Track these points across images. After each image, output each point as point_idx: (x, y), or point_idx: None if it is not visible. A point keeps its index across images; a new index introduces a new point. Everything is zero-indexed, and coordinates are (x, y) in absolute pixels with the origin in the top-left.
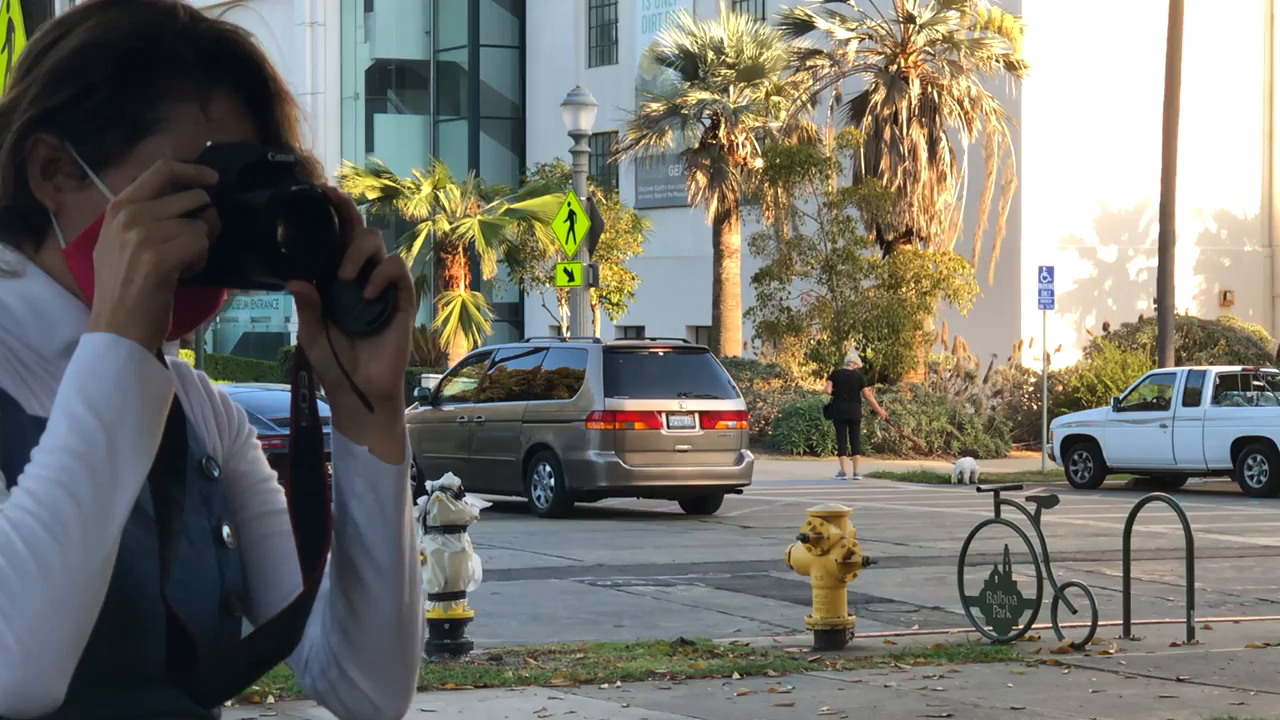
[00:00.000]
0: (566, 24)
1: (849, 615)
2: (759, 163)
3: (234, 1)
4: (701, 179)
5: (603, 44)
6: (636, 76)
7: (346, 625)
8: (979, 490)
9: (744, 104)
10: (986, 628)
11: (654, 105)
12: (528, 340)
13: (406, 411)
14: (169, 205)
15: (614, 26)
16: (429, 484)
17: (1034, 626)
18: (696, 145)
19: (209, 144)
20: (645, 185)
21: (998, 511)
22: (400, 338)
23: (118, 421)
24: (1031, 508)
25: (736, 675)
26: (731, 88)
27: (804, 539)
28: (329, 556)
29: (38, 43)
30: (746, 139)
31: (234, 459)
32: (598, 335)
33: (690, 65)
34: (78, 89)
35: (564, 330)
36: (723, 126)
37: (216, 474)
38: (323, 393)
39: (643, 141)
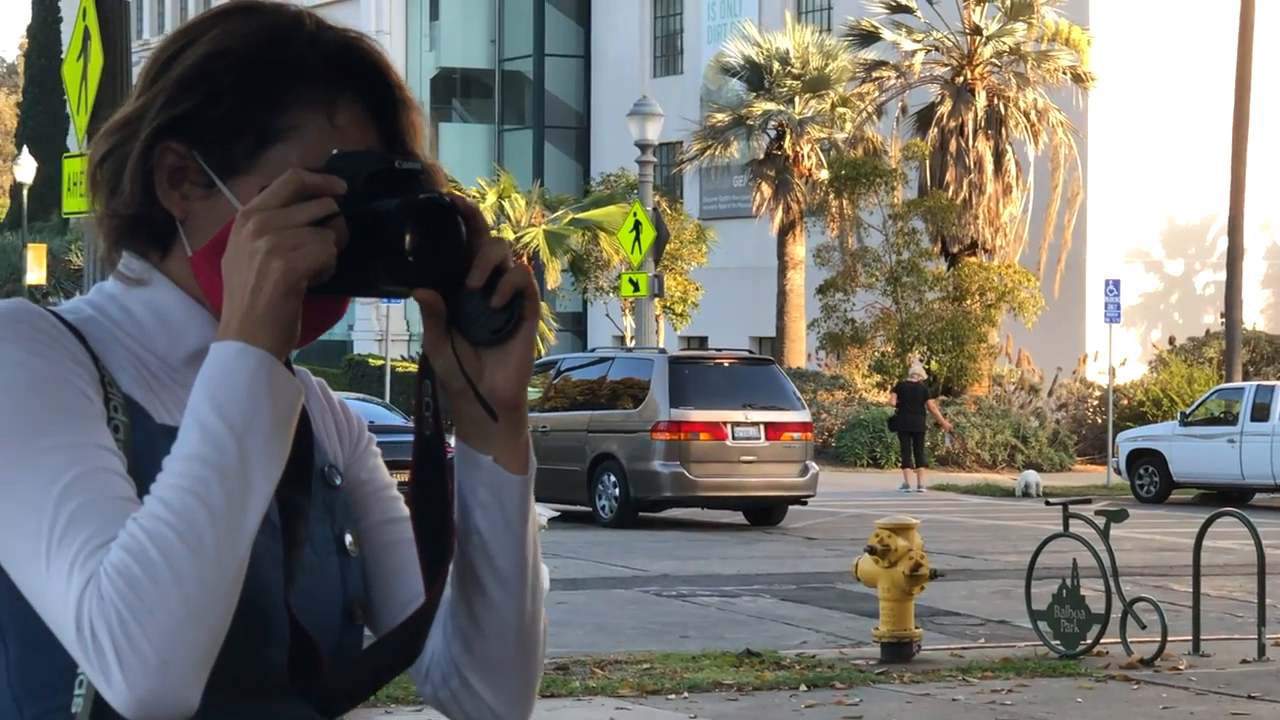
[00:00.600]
0: (632, 34)
1: (916, 628)
2: (824, 174)
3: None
4: (766, 190)
5: (668, 54)
6: (701, 87)
7: (468, 634)
8: (1048, 504)
9: (809, 115)
10: (1054, 642)
11: (719, 116)
12: (593, 350)
13: None
14: (298, 213)
15: (679, 37)
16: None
17: (1102, 641)
18: (761, 156)
19: (335, 152)
20: (709, 196)
21: (1066, 525)
22: (525, 347)
23: (249, 430)
24: (1100, 522)
25: (804, 687)
26: (797, 99)
27: (871, 551)
28: (451, 566)
29: (164, 50)
30: (811, 150)
31: (354, 466)
32: (662, 345)
33: (755, 76)
34: (205, 97)
35: (628, 340)
36: (788, 137)
37: (339, 482)
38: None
39: (708, 152)
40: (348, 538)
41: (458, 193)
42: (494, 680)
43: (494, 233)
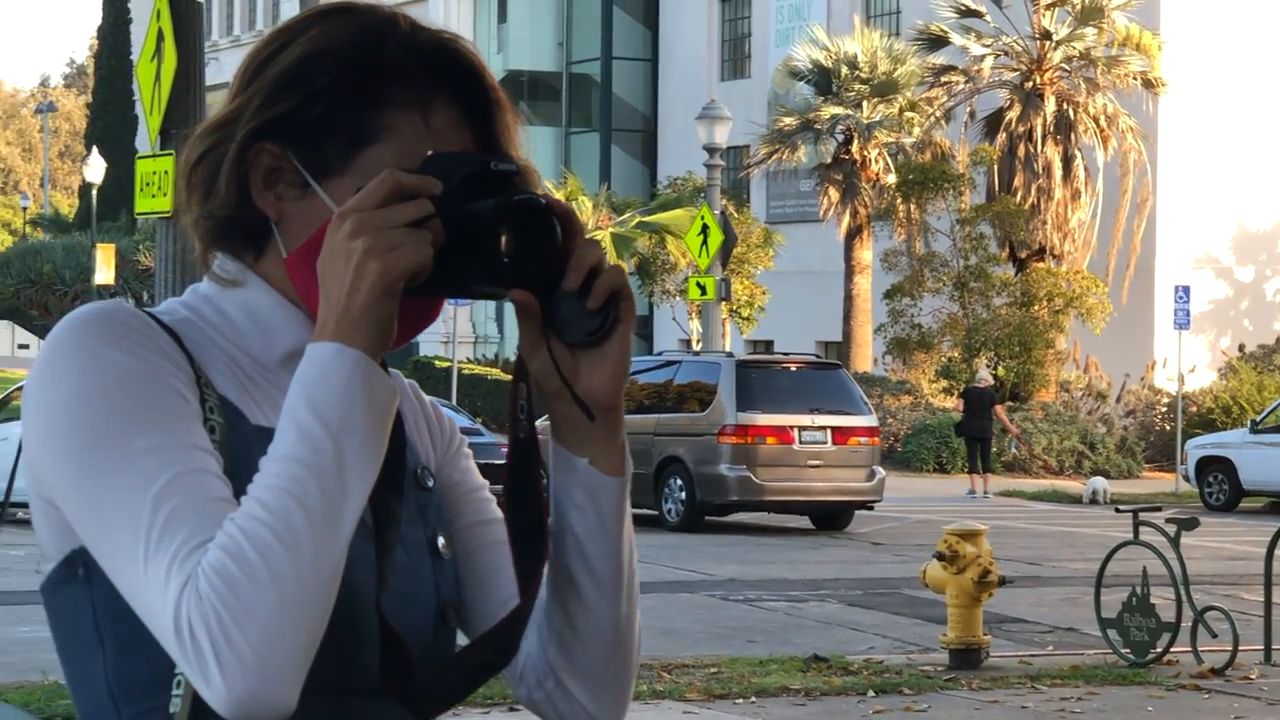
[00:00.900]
0: (699, 37)
1: (984, 635)
2: (891, 178)
3: None
4: (834, 194)
5: (735, 57)
6: (769, 90)
7: (564, 636)
8: (1118, 511)
9: (877, 119)
10: (1124, 650)
11: (787, 120)
12: (659, 353)
13: (540, 422)
14: (395, 214)
15: (747, 40)
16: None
17: (1172, 650)
18: (829, 160)
19: (431, 153)
20: (776, 199)
21: (1136, 533)
22: (621, 349)
23: (345, 431)
24: (1171, 530)
25: (871, 693)
26: (865, 103)
27: (939, 557)
28: (547, 568)
29: (259, 52)
30: (879, 154)
31: (446, 468)
32: (729, 349)
33: (824, 80)
34: (300, 98)
35: (694, 344)
36: (855, 142)
37: (431, 484)
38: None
39: (775, 156)
40: (440, 540)
41: (551, 194)
42: (589, 682)
43: (588, 235)
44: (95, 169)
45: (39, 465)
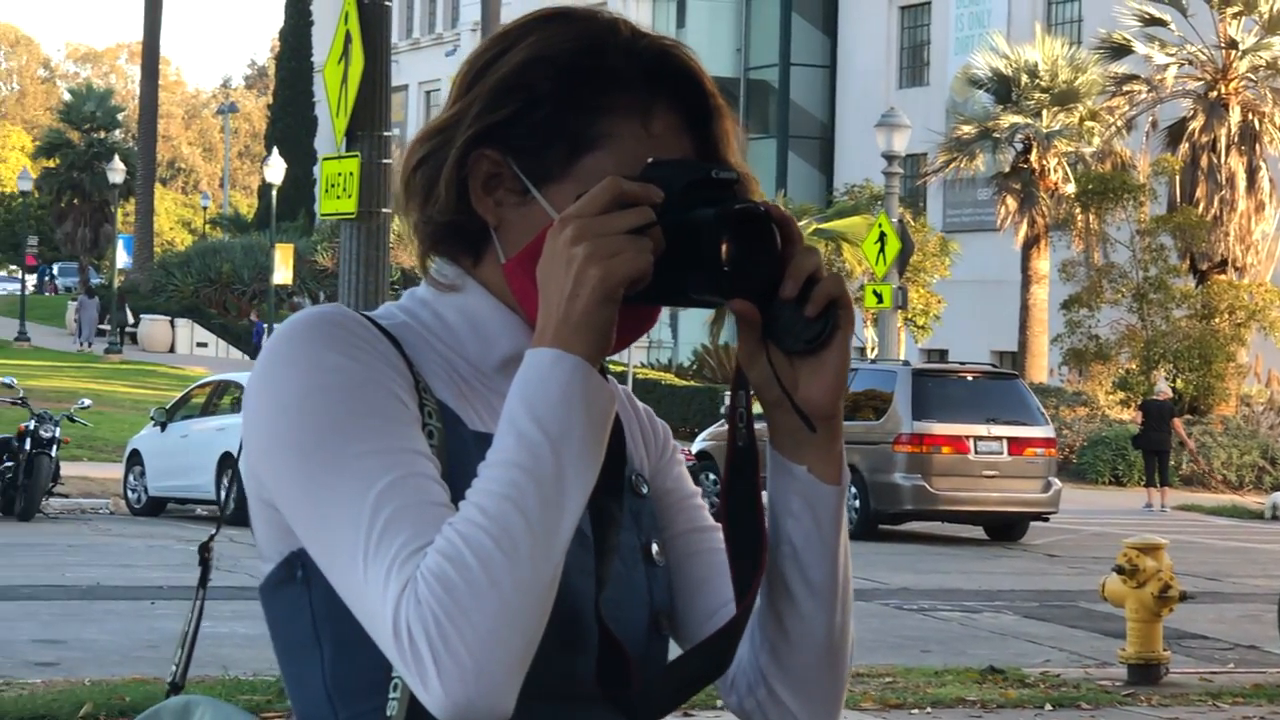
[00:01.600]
0: (879, 44)
1: (1164, 650)
2: (1070, 188)
3: None
4: (1011, 203)
5: (914, 65)
6: (948, 98)
7: (777, 645)
8: None
9: (1057, 128)
10: None
11: (965, 128)
12: None
13: (709, 430)
14: (617, 221)
15: (926, 48)
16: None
17: None
18: (1007, 169)
19: (651, 160)
20: (953, 208)
21: None
22: (840, 357)
23: (564, 437)
24: None
25: (1049, 707)
26: (1044, 112)
27: (1119, 570)
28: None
29: (479, 58)
30: (1058, 164)
31: (660, 475)
32: (903, 357)
33: (1003, 88)
34: (521, 104)
35: (869, 352)
36: (1034, 151)
37: (645, 491)
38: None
39: (953, 164)
40: (654, 547)
41: (771, 202)
42: (801, 691)
43: (807, 242)
44: (275, 169)
45: (259, 468)
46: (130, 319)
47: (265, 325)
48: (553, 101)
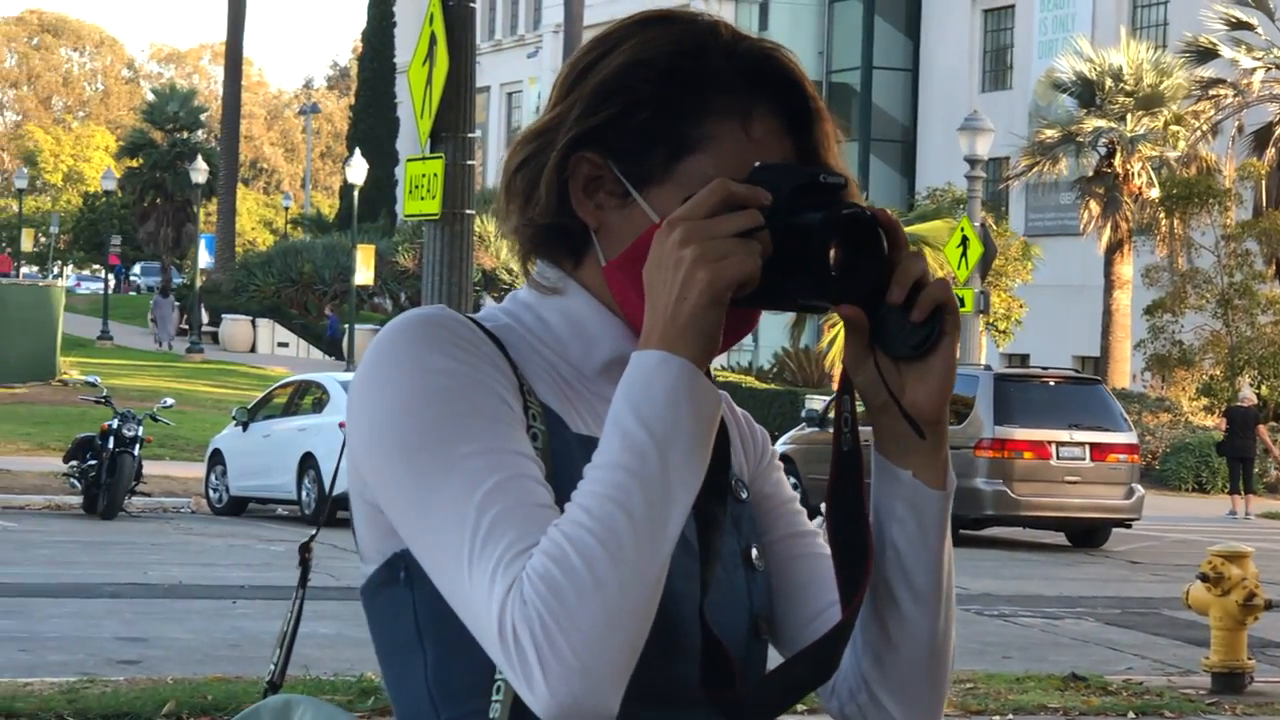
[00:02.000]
0: (961, 48)
1: (1248, 659)
2: (1154, 193)
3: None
4: (1094, 207)
5: (997, 69)
6: (1030, 102)
7: (880, 650)
8: None
9: (1141, 132)
10: None
11: (1048, 132)
12: None
13: (789, 433)
14: (725, 224)
15: (1009, 51)
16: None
17: None
18: (1090, 173)
19: (758, 164)
20: (1035, 212)
21: None
22: (946, 362)
23: (670, 439)
24: None
25: (1132, 714)
26: (1129, 116)
27: (1203, 578)
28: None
29: (579, 60)
30: (1142, 168)
31: (759, 480)
32: (985, 362)
33: (1087, 92)
34: (622, 107)
35: None
36: (1118, 155)
37: (745, 495)
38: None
39: (1035, 168)
40: (754, 551)
41: (877, 207)
42: (903, 697)
43: (913, 247)
44: (357, 170)
45: (364, 468)
46: (205, 319)
47: (339, 320)
48: (653, 104)
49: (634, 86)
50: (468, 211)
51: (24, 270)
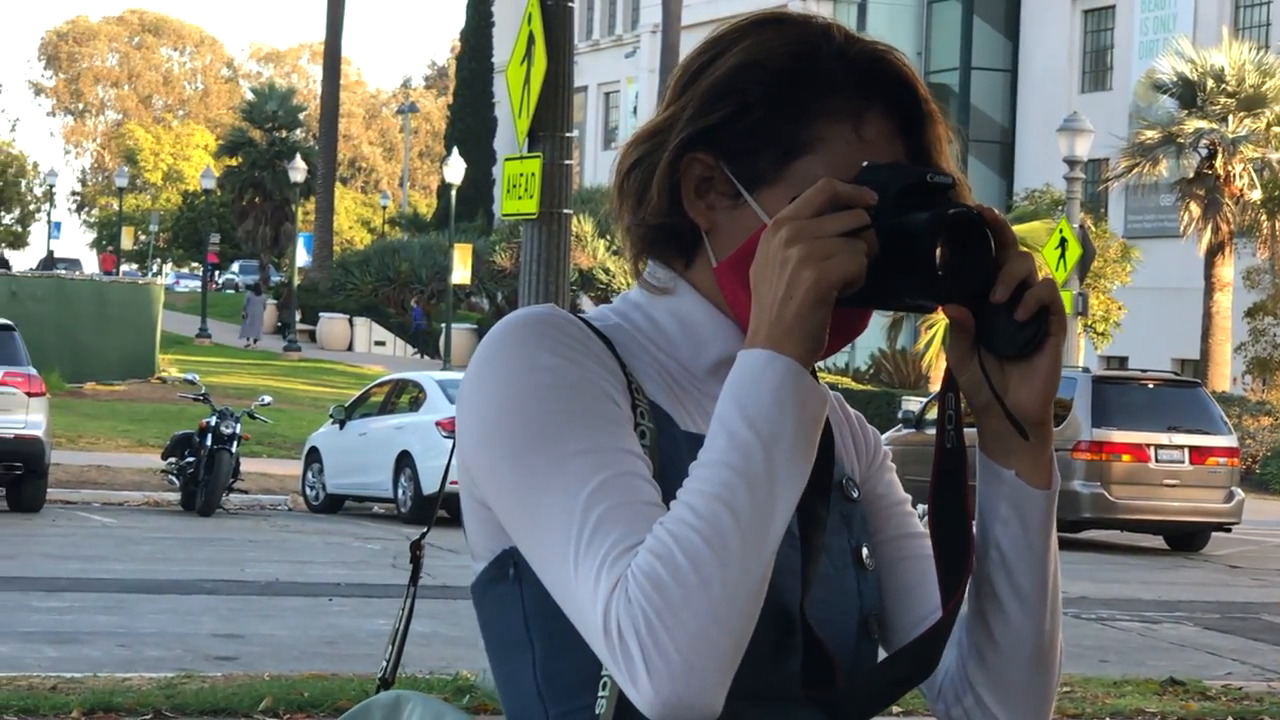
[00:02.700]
0: (1060, 49)
1: None
2: (1256, 194)
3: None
4: (1195, 209)
5: (1097, 69)
6: (1131, 103)
7: (985, 652)
8: None
9: (1243, 134)
10: None
11: (1149, 133)
12: None
13: (886, 434)
14: (831, 223)
15: (1109, 52)
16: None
17: None
18: (1191, 175)
19: (866, 164)
20: (1134, 214)
21: None
22: (1051, 363)
23: (775, 438)
24: None
25: None
26: (1230, 117)
27: None
28: (969, 581)
29: (693, 61)
30: (1244, 170)
31: (870, 480)
32: (1083, 364)
33: (1188, 93)
34: (734, 108)
35: None
36: (1219, 156)
37: (856, 495)
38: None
39: (1135, 169)
40: (864, 551)
41: (985, 206)
42: (1009, 700)
43: (1022, 247)
44: (455, 169)
45: (473, 466)
46: (297, 316)
47: (424, 312)
48: (765, 105)
49: (747, 88)
50: (565, 211)
51: (124, 268)
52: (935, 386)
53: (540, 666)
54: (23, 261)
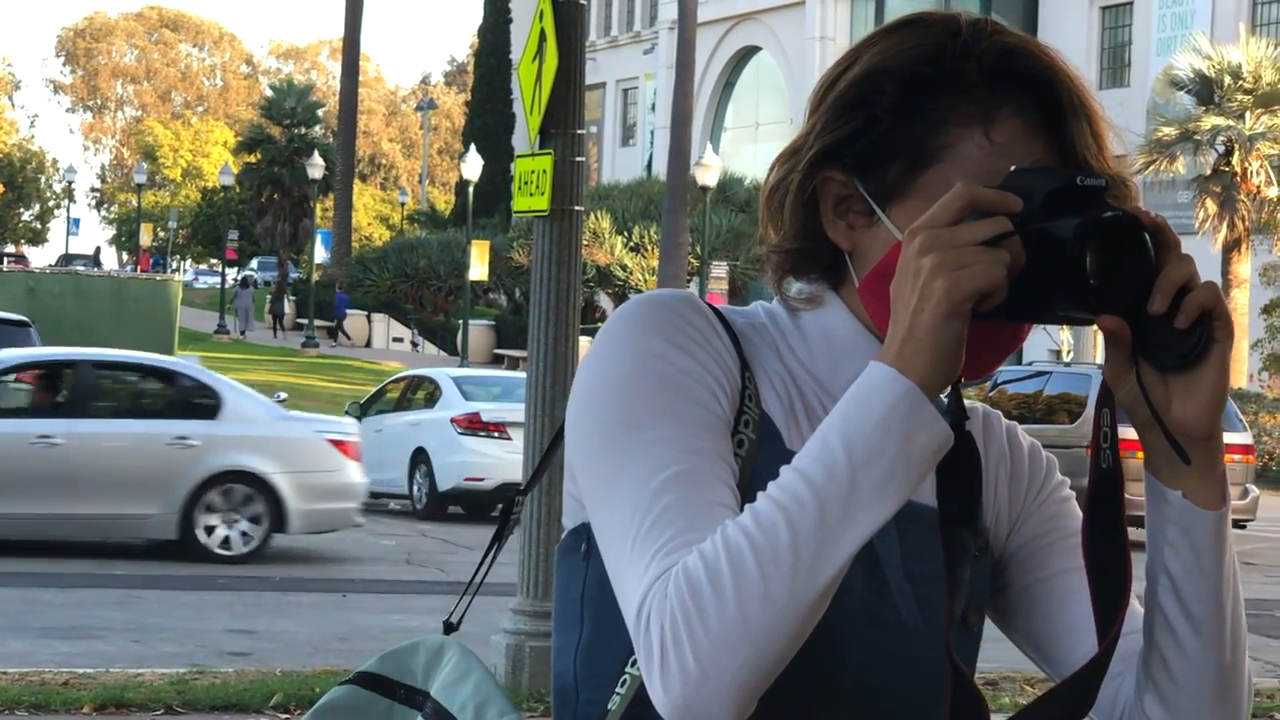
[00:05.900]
0: (1078, 45)
1: None
2: (1273, 191)
3: (745, 16)
4: (1211, 206)
5: (1114, 66)
6: (1148, 100)
7: (1161, 687)
8: None
9: (1260, 131)
10: None
11: (1165, 130)
12: (1029, 364)
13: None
14: (967, 232)
15: (1127, 49)
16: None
17: None
18: (1208, 172)
19: (1014, 168)
20: (1152, 209)
21: None
22: (1217, 373)
23: (868, 462)
24: None
25: None
26: (1248, 114)
27: None
28: (1141, 612)
29: (828, 75)
30: (1261, 166)
31: (1033, 517)
32: (1100, 360)
33: (1205, 90)
34: (861, 121)
35: (1064, 355)
36: (1236, 153)
37: (984, 545)
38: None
39: (1152, 166)
40: (972, 610)
41: (1142, 208)
42: None
43: (1182, 249)
44: (472, 166)
45: (568, 434)
46: (286, 309)
47: (347, 298)
48: (891, 115)
49: (870, 99)
50: (577, 208)
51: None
52: None
53: (583, 649)
54: (42, 258)
